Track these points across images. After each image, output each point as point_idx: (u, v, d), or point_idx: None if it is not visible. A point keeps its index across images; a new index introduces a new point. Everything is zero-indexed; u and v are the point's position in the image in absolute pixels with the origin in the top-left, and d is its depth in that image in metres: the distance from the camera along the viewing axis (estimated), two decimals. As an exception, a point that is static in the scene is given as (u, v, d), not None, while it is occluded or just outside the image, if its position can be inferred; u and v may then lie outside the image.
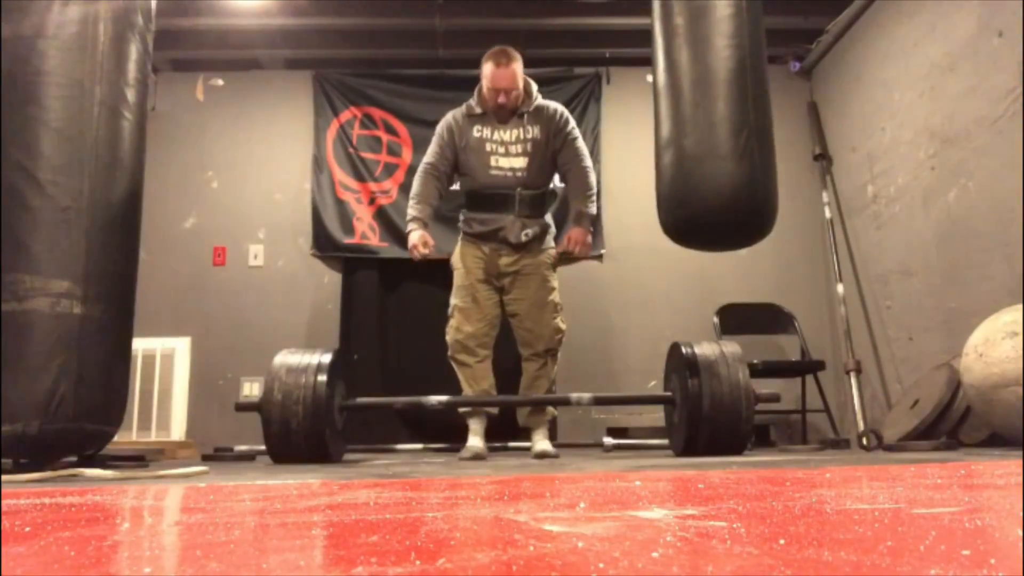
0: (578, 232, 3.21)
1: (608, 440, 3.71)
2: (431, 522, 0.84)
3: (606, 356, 4.52)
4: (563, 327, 3.18)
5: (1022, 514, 0.81)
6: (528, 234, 3.15)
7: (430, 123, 3.47)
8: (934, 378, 3.22)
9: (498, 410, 3.25)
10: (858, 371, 3.85)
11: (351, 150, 4.63)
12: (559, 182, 3.42)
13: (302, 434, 2.64)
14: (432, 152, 3.23)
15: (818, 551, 0.59)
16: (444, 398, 2.92)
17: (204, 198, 4.69)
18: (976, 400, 2.69)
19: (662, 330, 4.17)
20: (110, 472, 2.04)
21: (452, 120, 3.22)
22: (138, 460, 2.84)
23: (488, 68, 3.10)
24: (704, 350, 2.78)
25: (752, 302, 4.38)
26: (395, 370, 4.44)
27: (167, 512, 1.15)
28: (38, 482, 1.85)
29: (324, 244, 4.57)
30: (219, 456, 3.59)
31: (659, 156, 2.48)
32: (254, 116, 4.77)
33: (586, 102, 4.67)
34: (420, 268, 3.66)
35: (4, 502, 1.19)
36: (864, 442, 3.21)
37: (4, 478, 1.88)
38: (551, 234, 3.27)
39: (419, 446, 4.00)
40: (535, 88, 3.22)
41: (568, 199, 3.35)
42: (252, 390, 4.35)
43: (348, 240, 4.53)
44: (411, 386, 3.73)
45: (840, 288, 4.16)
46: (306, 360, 2.75)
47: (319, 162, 4.64)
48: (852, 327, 4.08)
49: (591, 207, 3.24)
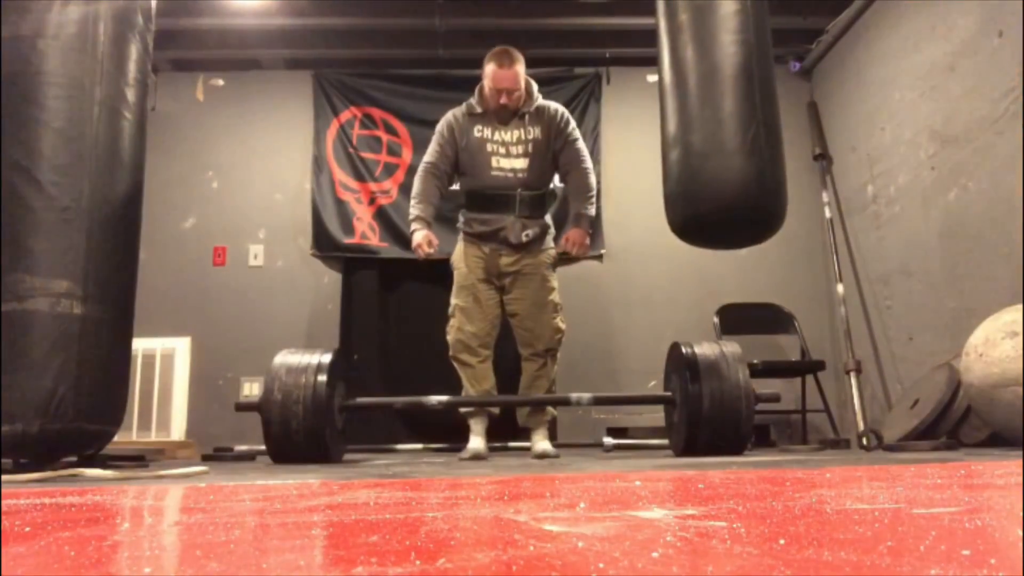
0: (576, 233, 3.21)
1: (608, 440, 3.71)
2: (431, 522, 0.84)
3: (606, 356, 4.52)
4: (563, 327, 3.18)
5: (1022, 514, 0.81)
6: (528, 235, 3.14)
7: (430, 123, 3.46)
8: (934, 378, 3.22)
9: (499, 410, 3.26)
10: (858, 371, 3.85)
11: (351, 150, 4.63)
12: (559, 183, 3.42)
13: (302, 434, 2.64)
14: (432, 151, 3.23)
15: (818, 551, 0.59)
16: (444, 398, 2.92)
17: (204, 198, 4.69)
18: (976, 400, 2.69)
19: (662, 330, 4.16)
20: (110, 472, 2.03)
21: (453, 119, 3.21)
22: (138, 460, 2.84)
23: (491, 68, 3.10)
24: (704, 350, 2.78)
25: (752, 302, 4.37)
26: (395, 370, 4.44)
27: (167, 512, 1.15)
28: (38, 482, 1.85)
29: (324, 244, 4.57)
30: (219, 456, 3.59)
31: (666, 154, 2.45)
32: (254, 116, 4.77)
33: (586, 102, 4.67)
34: (420, 268, 3.66)
35: (4, 502, 1.19)
36: (864, 442, 3.21)
37: (4, 478, 1.87)
38: (551, 234, 3.27)
39: (419, 446, 4.00)
40: (536, 88, 3.21)
41: (568, 200, 3.36)
42: (252, 390, 4.35)
43: (348, 240, 4.53)
44: (411, 386, 3.73)
45: (840, 288, 4.15)
46: (306, 360, 2.75)
47: (319, 162, 4.64)
48: (852, 327, 4.07)
49: (590, 208, 3.24)
